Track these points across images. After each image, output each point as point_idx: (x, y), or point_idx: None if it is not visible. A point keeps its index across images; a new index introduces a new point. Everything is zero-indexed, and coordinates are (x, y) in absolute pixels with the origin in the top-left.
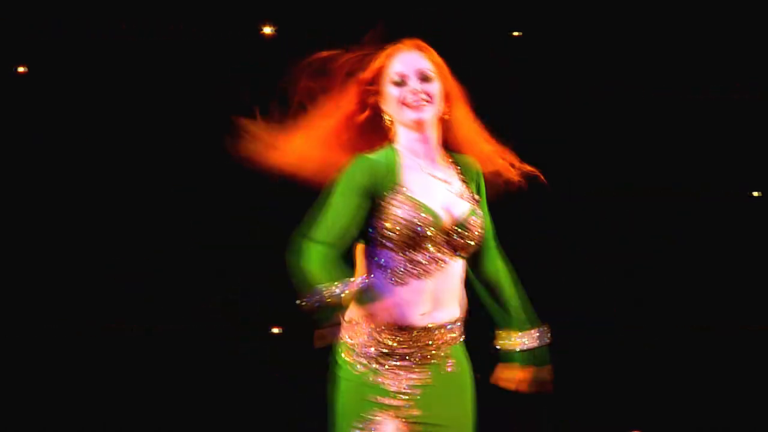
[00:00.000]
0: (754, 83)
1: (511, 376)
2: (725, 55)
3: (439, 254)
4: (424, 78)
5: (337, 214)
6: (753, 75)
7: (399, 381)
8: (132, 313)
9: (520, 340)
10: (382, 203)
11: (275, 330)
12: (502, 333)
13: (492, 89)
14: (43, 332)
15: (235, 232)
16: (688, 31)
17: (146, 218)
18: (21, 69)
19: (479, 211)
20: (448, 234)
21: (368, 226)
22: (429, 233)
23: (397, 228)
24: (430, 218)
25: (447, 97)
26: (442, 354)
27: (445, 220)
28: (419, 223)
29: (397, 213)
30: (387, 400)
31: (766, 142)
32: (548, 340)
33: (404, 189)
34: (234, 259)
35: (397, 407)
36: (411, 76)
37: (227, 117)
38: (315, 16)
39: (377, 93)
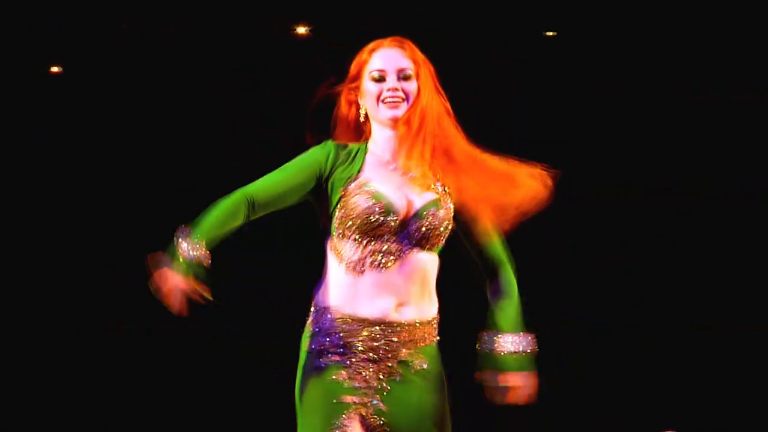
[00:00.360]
0: (754, 83)
1: (493, 381)
2: (725, 55)
3: (397, 245)
4: (404, 77)
5: (276, 178)
6: (753, 75)
7: (362, 376)
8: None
9: (504, 342)
10: (341, 192)
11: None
12: (484, 334)
13: (492, 88)
14: (43, 332)
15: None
16: (688, 30)
17: (152, 217)
18: (55, 69)
19: (445, 204)
20: (404, 224)
21: (330, 217)
22: (385, 222)
23: (354, 217)
24: (383, 206)
25: (424, 96)
26: (411, 351)
27: (401, 209)
28: (374, 212)
29: (355, 201)
30: (349, 398)
31: (766, 142)
32: (533, 348)
33: (363, 179)
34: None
35: (359, 404)
36: (390, 73)
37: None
38: (349, 16)
39: (357, 88)
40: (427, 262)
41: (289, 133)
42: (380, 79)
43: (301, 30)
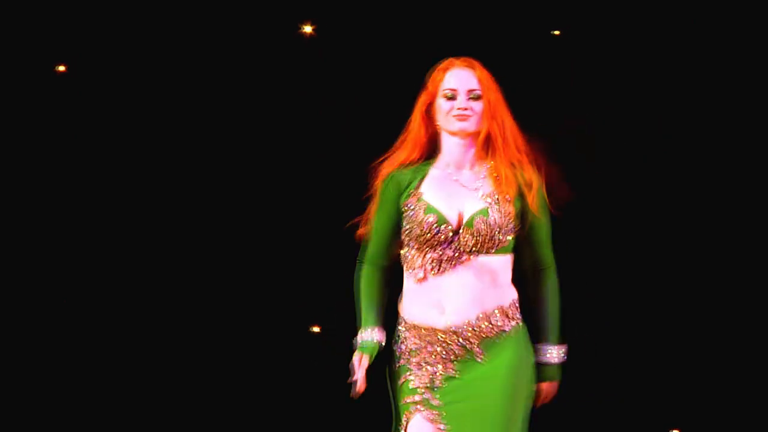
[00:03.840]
0: (754, 83)
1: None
2: (725, 54)
3: (451, 252)
4: (473, 96)
5: (375, 233)
6: (753, 75)
7: (427, 377)
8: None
9: (547, 352)
10: (403, 207)
11: (315, 329)
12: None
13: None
14: (43, 332)
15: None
16: (688, 30)
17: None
18: (61, 68)
19: (497, 211)
20: (457, 233)
21: (400, 230)
22: (438, 232)
23: (411, 229)
24: (435, 218)
25: (492, 114)
26: (472, 348)
27: (454, 219)
28: (428, 223)
29: (412, 214)
30: (411, 398)
31: (766, 143)
32: (565, 359)
33: (420, 194)
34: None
35: (419, 402)
36: (461, 92)
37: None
38: (355, 16)
39: (432, 104)
40: (490, 264)
41: (295, 131)
42: (452, 98)
43: (307, 29)
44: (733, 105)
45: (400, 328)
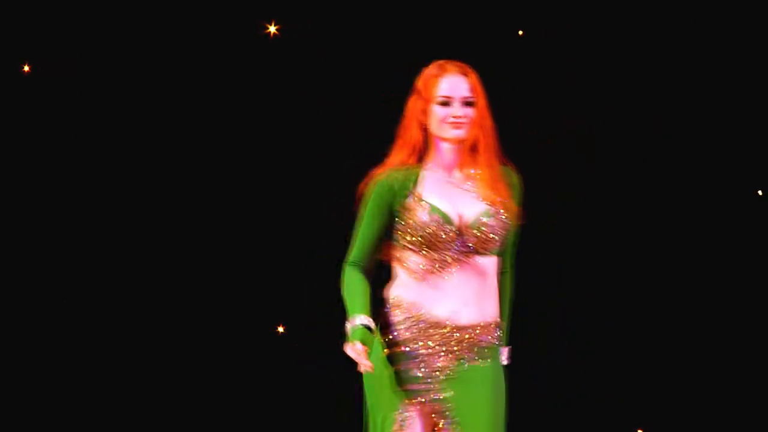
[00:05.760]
0: (754, 83)
1: None
2: (725, 54)
3: (455, 253)
4: (467, 103)
5: (363, 236)
6: (753, 75)
7: (427, 370)
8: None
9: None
10: (400, 210)
11: (281, 329)
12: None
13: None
14: (42, 332)
15: (240, 230)
16: (687, 30)
17: (148, 218)
18: (26, 68)
19: (497, 213)
20: (460, 233)
21: (393, 231)
22: (443, 233)
23: (414, 230)
24: (441, 219)
25: (481, 121)
26: (473, 352)
27: (456, 220)
28: (432, 224)
29: (414, 216)
30: (414, 387)
31: (765, 142)
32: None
33: (420, 195)
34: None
35: (423, 391)
36: (456, 99)
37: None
38: (319, 15)
39: (425, 110)
40: (486, 265)
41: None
42: (446, 104)
43: (272, 29)
44: (733, 105)
45: (395, 315)
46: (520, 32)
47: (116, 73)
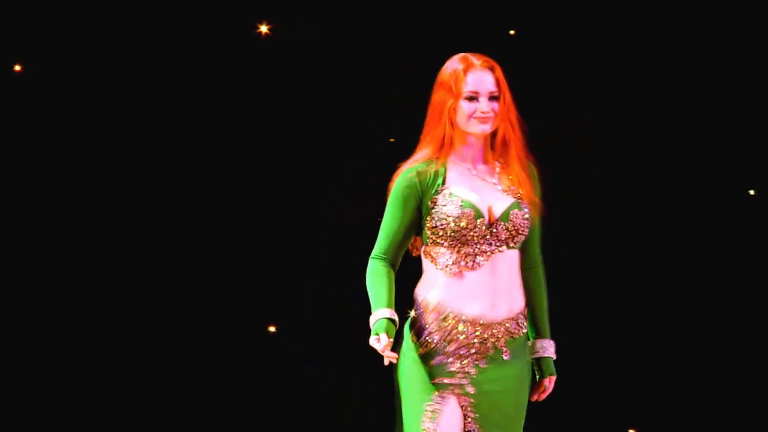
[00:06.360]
0: (754, 83)
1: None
2: (725, 54)
3: (486, 246)
4: (493, 98)
5: (390, 230)
6: (753, 75)
7: (459, 363)
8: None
9: (550, 347)
10: (430, 204)
11: (272, 329)
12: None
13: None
14: (41, 332)
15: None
16: (687, 30)
17: (142, 218)
18: (17, 67)
19: (524, 205)
20: (491, 226)
21: (422, 227)
22: (474, 227)
23: (444, 225)
24: (473, 212)
25: (506, 115)
26: (504, 345)
27: (486, 213)
28: (464, 218)
29: (443, 211)
30: (447, 380)
31: (765, 141)
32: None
33: (448, 189)
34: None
35: (455, 385)
36: (483, 94)
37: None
38: (311, 15)
39: (454, 106)
40: (513, 258)
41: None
42: (473, 99)
43: (263, 29)
44: (733, 105)
45: (425, 312)
46: (512, 32)
47: (108, 73)
